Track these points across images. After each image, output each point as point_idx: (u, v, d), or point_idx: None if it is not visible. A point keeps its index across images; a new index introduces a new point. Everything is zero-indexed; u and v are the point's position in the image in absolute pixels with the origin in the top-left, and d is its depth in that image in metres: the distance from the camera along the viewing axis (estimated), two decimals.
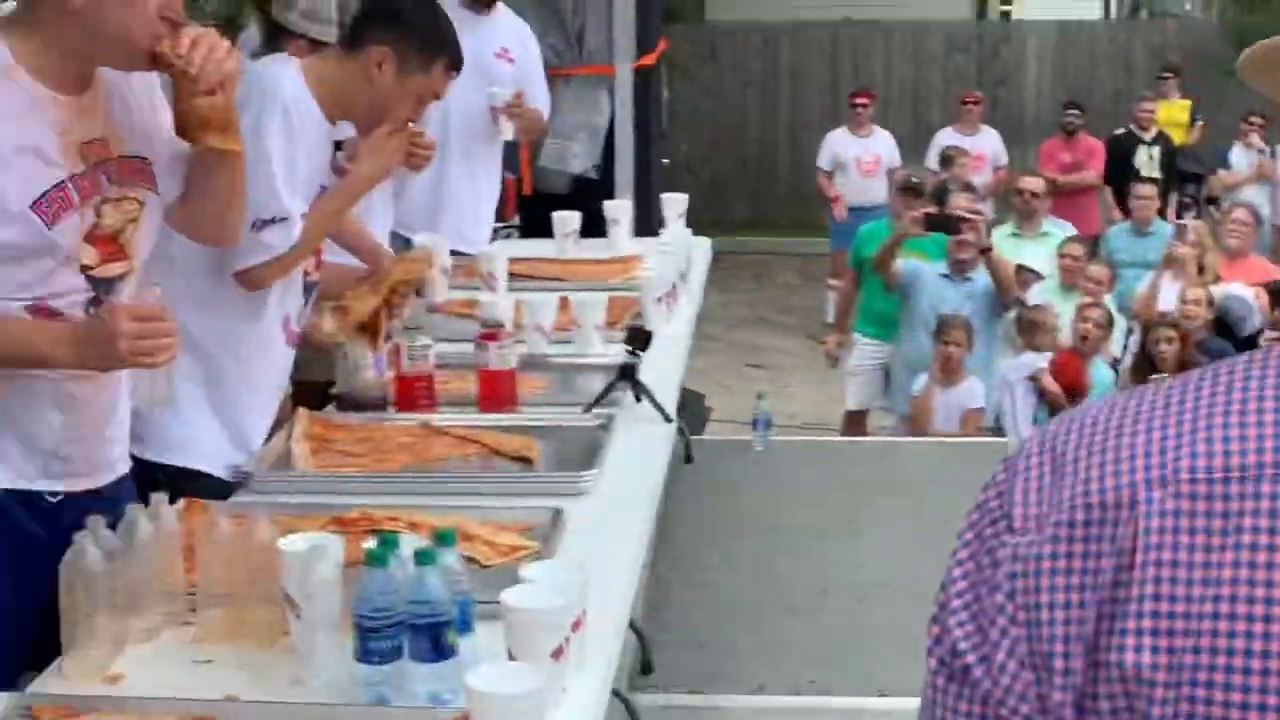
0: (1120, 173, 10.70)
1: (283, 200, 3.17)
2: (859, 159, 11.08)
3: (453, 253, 5.18)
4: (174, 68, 2.62)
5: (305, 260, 3.33)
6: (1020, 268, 7.36)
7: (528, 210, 6.70)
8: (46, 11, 2.58)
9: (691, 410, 5.91)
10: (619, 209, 5.33)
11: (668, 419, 3.40)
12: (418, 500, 2.82)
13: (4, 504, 2.69)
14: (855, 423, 7.54)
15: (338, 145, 3.45)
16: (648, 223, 5.92)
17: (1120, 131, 11.36)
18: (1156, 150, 11.08)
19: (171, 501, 2.50)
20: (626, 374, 3.39)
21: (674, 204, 5.29)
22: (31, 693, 2.18)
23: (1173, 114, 11.85)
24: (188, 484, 3.07)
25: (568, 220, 5.13)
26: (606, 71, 6.47)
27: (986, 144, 11.26)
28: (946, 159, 10.25)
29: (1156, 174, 10.73)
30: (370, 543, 2.13)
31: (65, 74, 2.62)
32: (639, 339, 3.42)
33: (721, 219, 13.85)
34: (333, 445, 3.19)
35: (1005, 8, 18.83)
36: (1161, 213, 9.47)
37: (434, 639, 2.01)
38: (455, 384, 3.55)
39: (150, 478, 3.02)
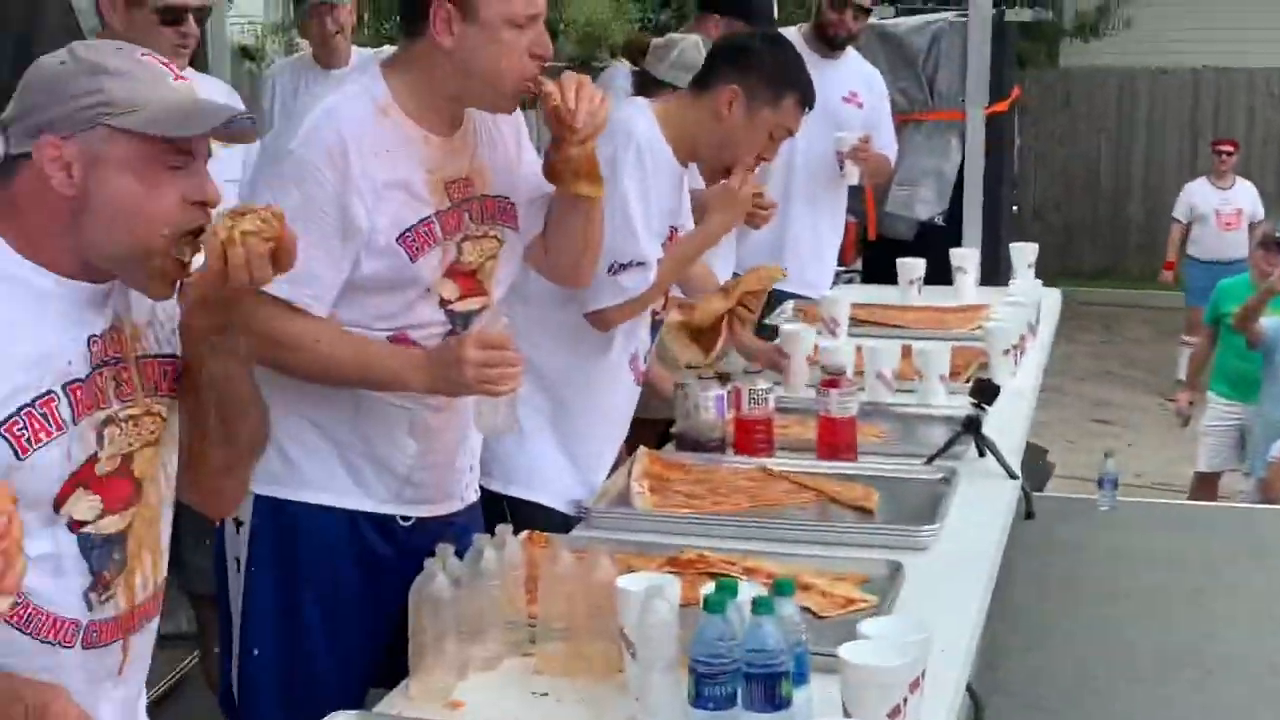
0: None
1: (640, 244, 3.22)
2: (1219, 211, 10.62)
3: (794, 296, 5.21)
4: (557, 114, 2.68)
5: (655, 301, 3.38)
6: None
7: (871, 255, 6.66)
8: (422, 53, 2.68)
9: (1034, 465, 5.75)
10: (966, 257, 5.24)
11: (1012, 475, 3.31)
12: (754, 545, 2.81)
13: (358, 525, 2.81)
14: (1206, 485, 7.20)
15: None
16: (995, 271, 5.81)
17: None
18: None
19: (515, 533, 2.55)
20: (971, 427, 3.32)
21: (1023, 253, 5.17)
22: (378, 713, 2.25)
23: None
24: (531, 516, 3.15)
25: (913, 267, 5.07)
26: (958, 117, 6.37)
27: None
28: None
29: None
30: (708, 588, 2.13)
31: (438, 114, 2.72)
32: (986, 392, 3.35)
33: (1070, 268, 13.51)
34: (671, 485, 3.22)
35: None
36: None
37: (769, 689, 1.99)
38: (795, 429, 3.54)
39: (497, 509, 3.10)
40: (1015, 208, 7.49)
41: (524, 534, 2.69)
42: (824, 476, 3.22)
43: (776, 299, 5.23)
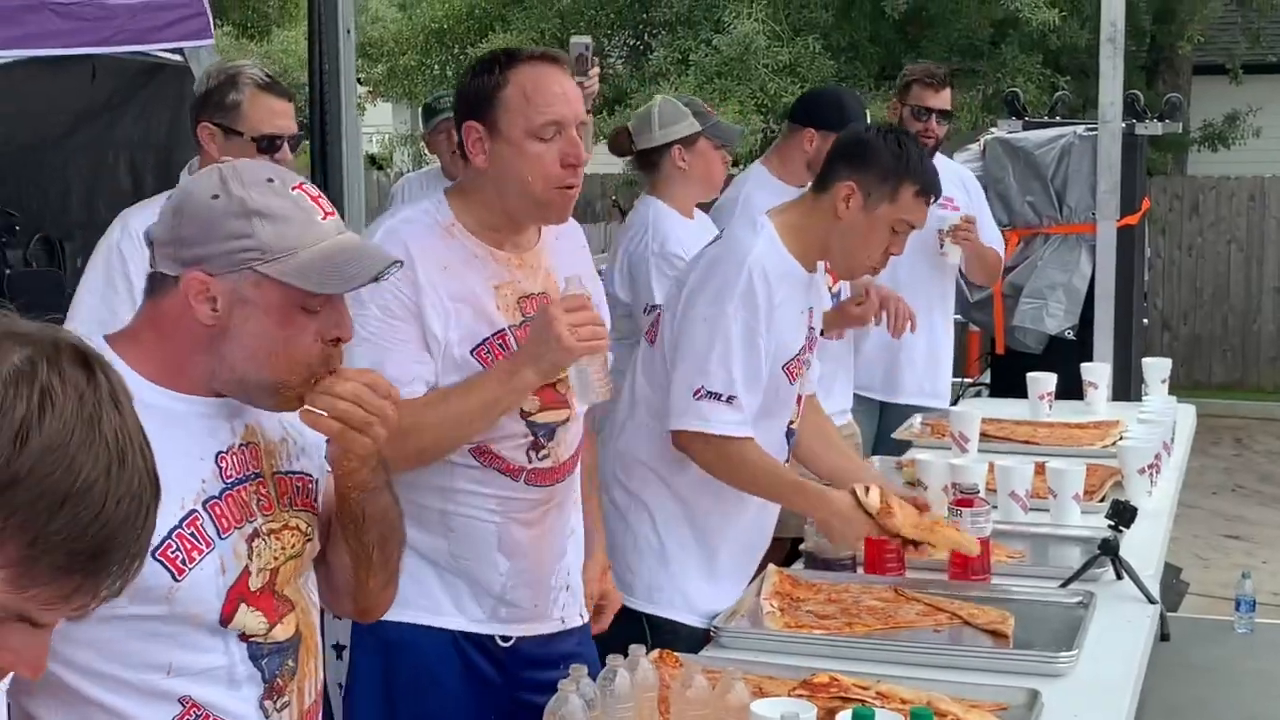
0: None
1: (734, 381, 3.21)
2: None
3: (915, 408, 5.18)
4: None
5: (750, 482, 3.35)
6: None
7: (999, 368, 6.61)
8: (472, 175, 2.79)
9: (1168, 584, 5.62)
10: (1098, 372, 5.17)
11: (1151, 600, 3.24)
12: (886, 669, 2.77)
13: (459, 644, 2.82)
14: None
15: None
16: (1126, 386, 5.72)
17: None
18: None
19: (651, 649, 2.55)
20: (1108, 550, 3.26)
21: (1156, 369, 5.10)
22: None
23: None
24: (673, 633, 3.16)
25: (1044, 381, 5.01)
26: (1087, 230, 6.31)
27: None
28: None
29: None
30: (844, 716, 2.10)
31: (500, 231, 2.80)
32: (1123, 515, 3.29)
33: (1199, 379, 13.28)
34: (801, 604, 3.19)
35: None
36: None
37: None
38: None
39: (635, 627, 3.11)
40: (1146, 321, 7.40)
41: (655, 653, 2.68)
42: (957, 599, 3.17)
43: (899, 411, 5.22)
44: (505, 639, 2.86)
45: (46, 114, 6.59)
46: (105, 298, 3.59)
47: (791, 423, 3.47)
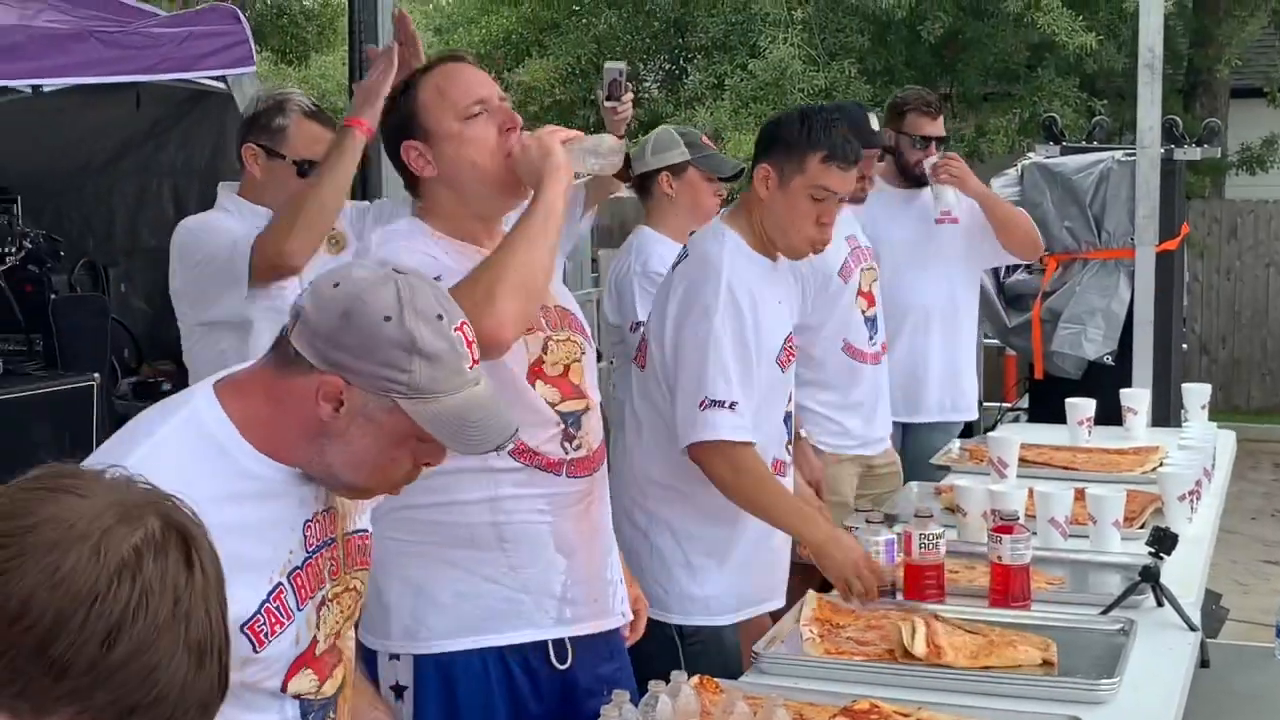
0: None
1: (733, 387, 3.32)
2: None
3: (939, 425, 5.20)
4: None
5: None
6: None
7: (1037, 393, 6.60)
8: (427, 194, 2.85)
9: (1208, 610, 5.60)
10: (1137, 398, 5.16)
11: (1192, 628, 3.23)
12: (926, 695, 2.78)
13: (513, 663, 2.85)
14: None
15: None
16: (1165, 411, 5.71)
17: None
18: None
19: (689, 661, 2.57)
20: (1149, 577, 3.26)
21: (1196, 395, 5.09)
22: None
23: None
24: (695, 640, 3.22)
25: (1083, 407, 5.00)
26: (1126, 255, 6.31)
27: None
28: None
29: None
30: None
31: (474, 231, 2.84)
32: (1164, 542, 3.29)
33: (1238, 403, 13.21)
34: (841, 630, 3.19)
35: None
36: None
37: None
38: (965, 574, 3.50)
39: (667, 642, 3.16)
40: (1184, 346, 7.38)
41: (696, 679, 2.69)
42: (997, 625, 3.17)
43: (922, 430, 5.22)
44: (562, 659, 2.89)
45: (92, 141, 6.67)
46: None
47: (787, 408, 3.62)
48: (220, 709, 1.92)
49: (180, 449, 1.98)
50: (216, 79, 5.68)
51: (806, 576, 5.01)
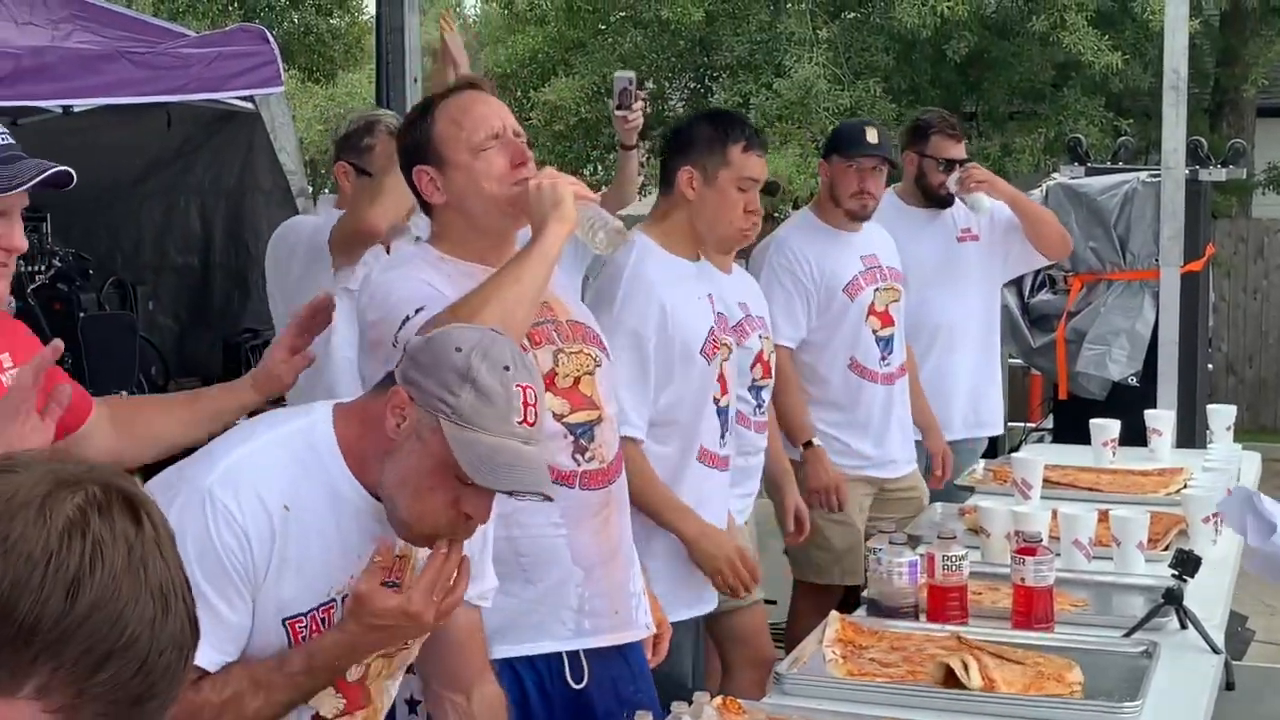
0: None
1: (619, 382, 3.37)
2: None
3: (963, 442, 5.21)
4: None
5: None
6: None
7: (1061, 414, 6.59)
8: (439, 219, 2.93)
9: (1233, 632, 5.58)
10: (1161, 419, 5.15)
11: (1216, 650, 3.23)
12: (949, 718, 2.78)
13: (527, 678, 2.86)
14: None
15: None
16: (1190, 433, 5.70)
17: None
18: None
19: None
20: (1173, 599, 3.25)
21: (1221, 416, 5.08)
22: None
23: None
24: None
25: (1107, 428, 4.99)
26: (1151, 276, 6.30)
27: None
28: None
29: None
30: None
31: (485, 255, 2.89)
32: (1188, 564, 3.28)
33: (1265, 423, 13.15)
34: (864, 651, 3.20)
35: None
36: None
37: None
38: (988, 596, 3.50)
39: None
40: (1210, 366, 7.36)
41: (719, 700, 2.70)
42: (1021, 648, 3.17)
43: (952, 448, 5.23)
44: (578, 678, 2.89)
45: (120, 160, 6.72)
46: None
47: (718, 399, 3.68)
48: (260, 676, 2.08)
49: (287, 452, 2.20)
50: (245, 99, 5.72)
51: (811, 587, 5.06)
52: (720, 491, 3.76)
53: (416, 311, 2.72)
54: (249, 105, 6.11)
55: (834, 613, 3.37)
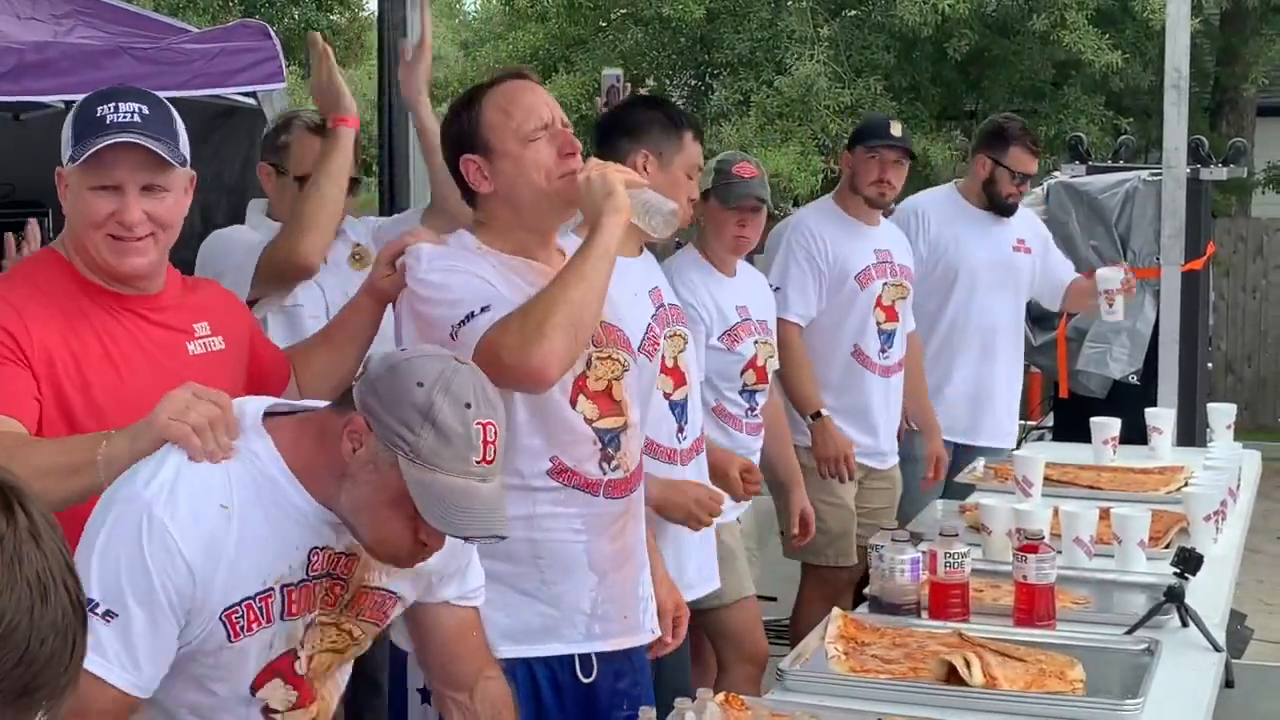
0: None
1: None
2: None
3: (989, 450, 5.22)
4: None
5: None
6: None
7: (1062, 412, 6.60)
8: (484, 209, 2.90)
9: (1233, 630, 5.59)
10: (1162, 417, 5.16)
11: (1217, 648, 3.23)
12: (951, 714, 2.78)
13: (540, 675, 2.87)
14: None
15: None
16: (1190, 431, 5.71)
17: None
18: None
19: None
20: (1174, 597, 3.26)
21: (1221, 415, 5.10)
22: None
23: None
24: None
25: (1108, 426, 5.01)
26: (1152, 275, 6.31)
27: None
28: None
29: None
30: None
31: (526, 246, 2.89)
32: (1189, 562, 3.29)
33: (1264, 421, 13.15)
34: (866, 648, 3.20)
35: None
36: None
37: None
38: (989, 593, 3.50)
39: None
40: (1210, 365, 7.37)
41: (721, 696, 2.70)
42: (1022, 645, 3.17)
43: (972, 453, 5.25)
44: (587, 672, 2.91)
45: None
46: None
47: (671, 395, 3.64)
48: (204, 674, 2.16)
49: (243, 488, 2.19)
50: (247, 95, 5.71)
51: (817, 581, 5.10)
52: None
53: (482, 310, 2.70)
54: (251, 101, 6.10)
55: (836, 610, 3.37)
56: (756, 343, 4.34)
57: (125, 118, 2.56)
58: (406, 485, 2.13)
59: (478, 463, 2.15)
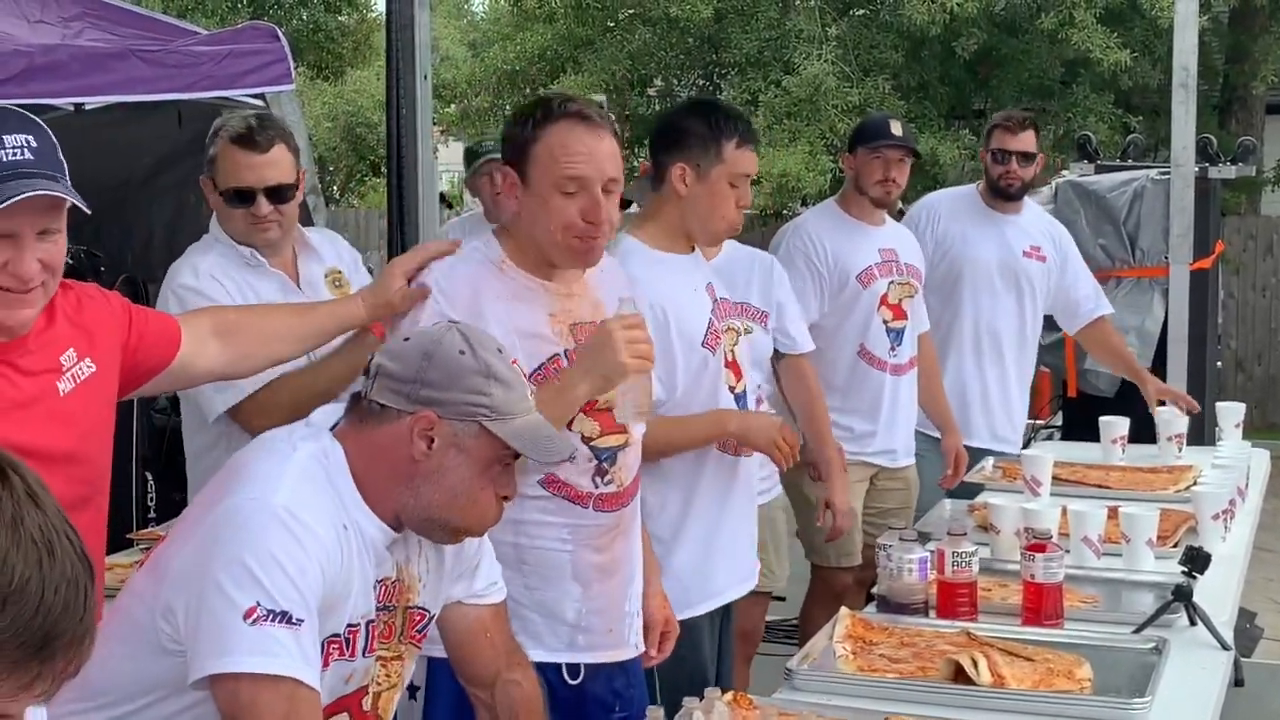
0: None
1: None
2: None
3: (987, 451, 5.21)
4: None
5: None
6: None
7: (1070, 411, 6.60)
8: (513, 221, 2.93)
9: (1241, 629, 5.59)
10: (1171, 416, 5.16)
11: (1225, 647, 3.23)
12: (959, 714, 2.79)
13: (544, 670, 2.87)
14: None
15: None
16: (1199, 429, 5.70)
17: None
18: None
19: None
20: (1182, 596, 3.26)
21: (1230, 414, 5.09)
22: None
23: None
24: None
25: (1116, 425, 5.01)
26: (1160, 273, 6.31)
27: None
28: None
29: None
30: None
31: (545, 265, 2.90)
32: (1197, 561, 3.29)
33: (1274, 420, 13.13)
34: (874, 647, 3.20)
35: None
36: None
37: None
38: (998, 592, 3.51)
39: None
40: (1219, 363, 7.36)
41: (729, 695, 2.71)
42: (1030, 644, 3.17)
43: (970, 455, 5.24)
44: (574, 675, 2.91)
45: (131, 158, 6.72)
46: None
47: (735, 388, 3.64)
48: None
49: (314, 484, 2.19)
50: (255, 96, 5.72)
51: (820, 581, 5.10)
52: (745, 474, 3.71)
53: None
54: (260, 103, 6.12)
55: (844, 609, 3.38)
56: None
57: (15, 154, 2.34)
58: (496, 445, 2.21)
59: (531, 394, 2.31)
